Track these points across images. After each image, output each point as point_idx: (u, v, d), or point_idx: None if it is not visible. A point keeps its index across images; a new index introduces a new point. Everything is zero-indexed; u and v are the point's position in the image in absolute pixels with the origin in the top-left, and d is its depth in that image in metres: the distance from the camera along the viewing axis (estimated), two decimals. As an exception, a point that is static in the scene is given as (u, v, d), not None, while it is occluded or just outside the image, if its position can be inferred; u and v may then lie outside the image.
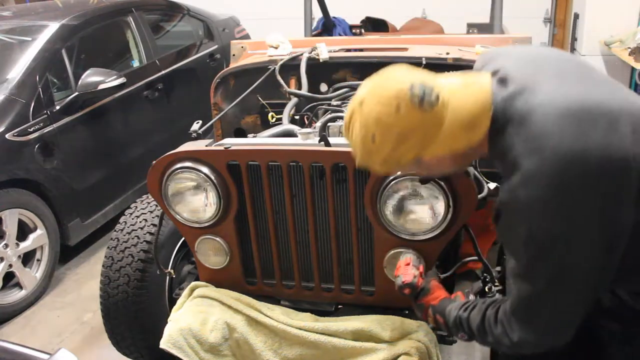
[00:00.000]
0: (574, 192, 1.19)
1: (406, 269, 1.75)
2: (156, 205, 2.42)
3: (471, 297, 1.83)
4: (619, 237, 1.23)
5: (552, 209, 1.21)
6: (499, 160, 1.34)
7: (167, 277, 2.36)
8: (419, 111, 1.28)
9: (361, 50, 3.07)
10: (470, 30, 4.50)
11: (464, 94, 1.33)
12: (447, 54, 2.71)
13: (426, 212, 1.85)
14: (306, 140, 2.03)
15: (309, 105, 2.62)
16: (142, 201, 2.50)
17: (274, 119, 2.72)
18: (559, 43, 6.11)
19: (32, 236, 3.36)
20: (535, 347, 1.35)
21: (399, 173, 1.77)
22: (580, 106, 1.23)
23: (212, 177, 1.97)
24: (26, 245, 3.33)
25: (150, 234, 2.34)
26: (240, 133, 2.96)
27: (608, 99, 1.27)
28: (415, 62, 2.68)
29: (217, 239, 2.09)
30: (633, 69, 4.76)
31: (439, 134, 1.31)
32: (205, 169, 1.97)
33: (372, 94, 1.34)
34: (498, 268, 2.00)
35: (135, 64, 4.39)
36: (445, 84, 1.34)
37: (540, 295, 1.29)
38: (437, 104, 1.29)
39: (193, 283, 2.20)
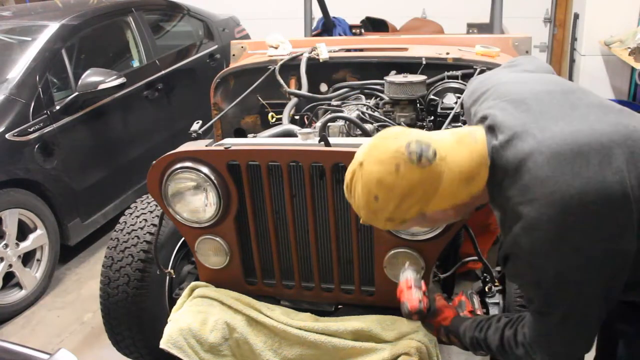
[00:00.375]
0: (575, 235, 1.21)
1: (409, 293, 1.68)
2: (156, 205, 2.41)
3: (475, 300, 1.83)
4: (622, 267, 1.25)
5: (556, 255, 1.23)
6: (500, 210, 1.36)
7: (167, 277, 2.36)
8: (418, 168, 1.31)
9: (361, 50, 3.07)
10: (470, 30, 4.50)
11: (459, 148, 1.35)
12: (447, 54, 2.72)
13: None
14: (306, 140, 2.03)
15: (309, 105, 2.62)
16: (142, 201, 2.49)
17: (274, 119, 2.72)
18: (559, 43, 6.11)
19: (32, 236, 3.36)
20: None
21: None
22: (570, 147, 1.23)
23: (212, 177, 1.97)
24: (26, 245, 3.33)
25: (150, 234, 2.34)
26: (240, 133, 2.96)
27: (599, 130, 1.26)
28: (415, 62, 2.69)
29: (217, 239, 2.09)
30: (633, 69, 4.76)
31: (440, 188, 1.33)
32: (205, 169, 1.97)
33: (371, 155, 1.37)
34: (498, 268, 2.00)
35: (135, 64, 4.38)
36: (440, 140, 1.36)
37: (557, 328, 1.33)
38: (434, 159, 1.31)
39: (193, 283, 2.20)
